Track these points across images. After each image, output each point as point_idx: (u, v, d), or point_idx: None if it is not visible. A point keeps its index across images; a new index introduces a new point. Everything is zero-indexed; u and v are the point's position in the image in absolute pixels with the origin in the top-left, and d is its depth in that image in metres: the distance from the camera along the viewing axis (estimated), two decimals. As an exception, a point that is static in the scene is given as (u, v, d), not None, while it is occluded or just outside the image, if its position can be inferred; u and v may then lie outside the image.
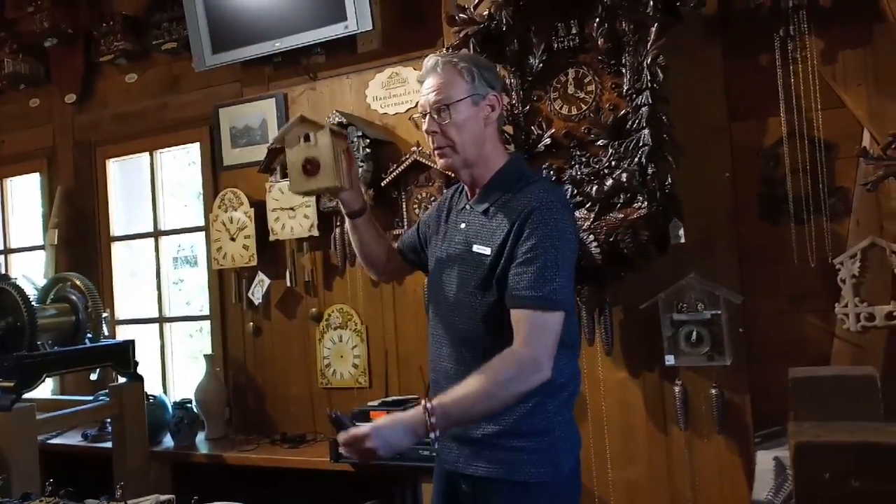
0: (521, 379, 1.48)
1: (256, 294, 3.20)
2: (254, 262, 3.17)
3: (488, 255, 1.60)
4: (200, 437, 3.14)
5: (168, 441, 3.14)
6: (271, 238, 3.10)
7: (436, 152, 1.67)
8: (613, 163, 2.22)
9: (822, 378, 0.82)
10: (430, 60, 1.67)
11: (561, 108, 2.32)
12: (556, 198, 1.61)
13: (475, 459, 1.62)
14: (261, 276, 3.19)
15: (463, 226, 1.70)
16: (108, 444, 3.01)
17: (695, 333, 2.24)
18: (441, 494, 1.74)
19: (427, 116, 1.65)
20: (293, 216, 3.04)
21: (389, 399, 2.79)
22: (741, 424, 2.26)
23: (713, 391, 2.25)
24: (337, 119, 2.81)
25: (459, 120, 1.62)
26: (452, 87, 1.62)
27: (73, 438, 3.28)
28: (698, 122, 2.32)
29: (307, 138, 1.70)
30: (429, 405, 1.44)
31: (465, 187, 1.74)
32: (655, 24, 2.13)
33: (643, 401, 2.39)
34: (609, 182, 2.21)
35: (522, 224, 1.55)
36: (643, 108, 2.16)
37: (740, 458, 2.25)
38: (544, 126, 2.34)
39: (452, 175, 1.83)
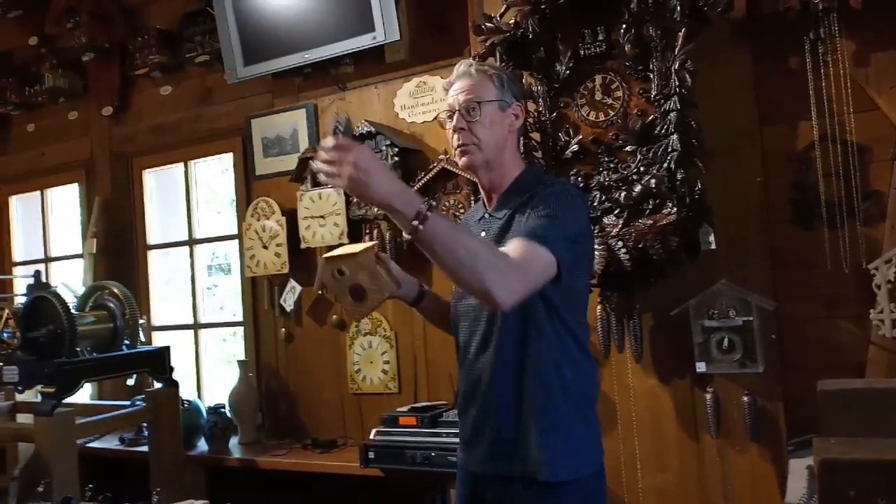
0: (496, 275, 1.40)
1: (288, 301, 3.25)
2: (286, 270, 3.21)
3: None
4: (234, 442, 3.20)
5: (202, 445, 3.20)
6: (303, 246, 3.14)
7: (459, 150, 1.68)
8: (642, 168, 2.21)
9: (851, 391, 0.81)
10: (461, 65, 1.72)
11: (588, 115, 2.32)
12: (565, 192, 1.64)
13: (501, 461, 1.62)
14: (292, 283, 3.24)
15: (483, 234, 1.70)
16: (145, 448, 3.08)
17: (726, 340, 2.21)
18: (464, 500, 1.74)
19: (455, 114, 1.67)
20: (323, 224, 3.09)
21: (419, 405, 2.81)
22: (774, 432, 2.23)
23: (745, 398, 2.22)
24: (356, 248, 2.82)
25: (487, 120, 1.66)
26: (483, 89, 1.67)
27: (110, 442, 3.36)
28: (728, 127, 2.30)
29: (340, 272, 1.76)
30: (430, 205, 1.39)
31: (483, 197, 1.77)
32: (683, 29, 2.12)
33: (674, 408, 2.37)
34: (638, 188, 2.20)
35: (535, 205, 1.58)
36: (671, 114, 2.15)
37: (773, 466, 2.22)
38: (571, 133, 2.34)
39: (472, 178, 1.86)
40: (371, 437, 2.67)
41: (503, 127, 1.69)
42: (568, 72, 2.33)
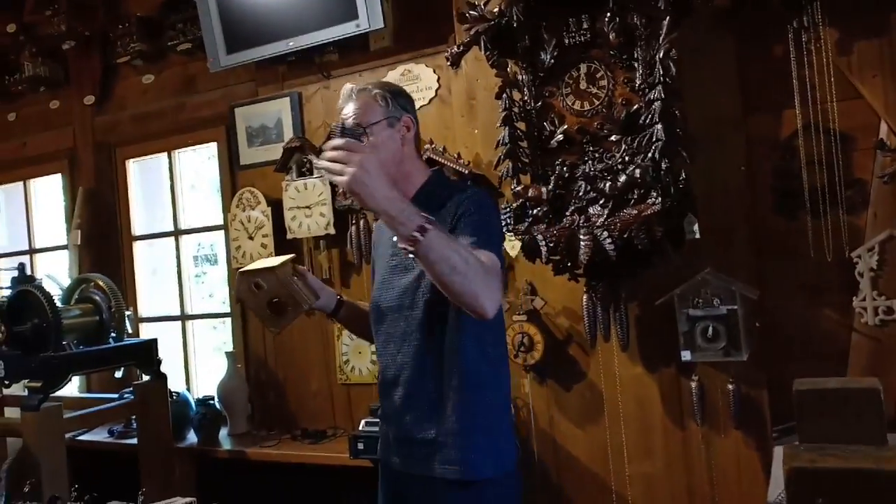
0: (485, 283, 1.45)
1: (275, 292, 3.24)
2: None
3: None
4: (223, 433, 3.20)
5: (192, 437, 3.20)
6: (289, 236, 3.13)
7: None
8: (627, 158, 2.21)
9: (825, 391, 0.82)
10: (345, 89, 1.76)
11: (573, 104, 2.31)
12: (483, 199, 1.71)
13: (424, 461, 1.67)
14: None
15: (395, 239, 1.69)
16: (134, 441, 3.08)
17: (711, 329, 2.23)
18: (387, 498, 1.80)
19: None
20: (309, 215, 3.07)
21: (407, 395, 2.81)
22: (759, 419, 2.25)
23: (730, 386, 2.25)
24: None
25: (377, 141, 1.67)
26: (369, 112, 1.69)
27: (99, 435, 3.36)
28: (712, 116, 2.30)
29: (258, 286, 1.80)
30: (430, 218, 1.40)
31: None
32: (667, 18, 2.10)
33: (659, 396, 2.39)
34: (622, 178, 2.20)
35: (457, 219, 1.63)
36: (656, 103, 2.14)
37: (758, 452, 2.25)
38: (556, 122, 2.33)
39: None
40: (360, 427, 2.68)
41: (396, 142, 1.71)
42: (553, 61, 2.31)
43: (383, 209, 1.39)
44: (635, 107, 2.20)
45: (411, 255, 1.43)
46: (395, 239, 1.72)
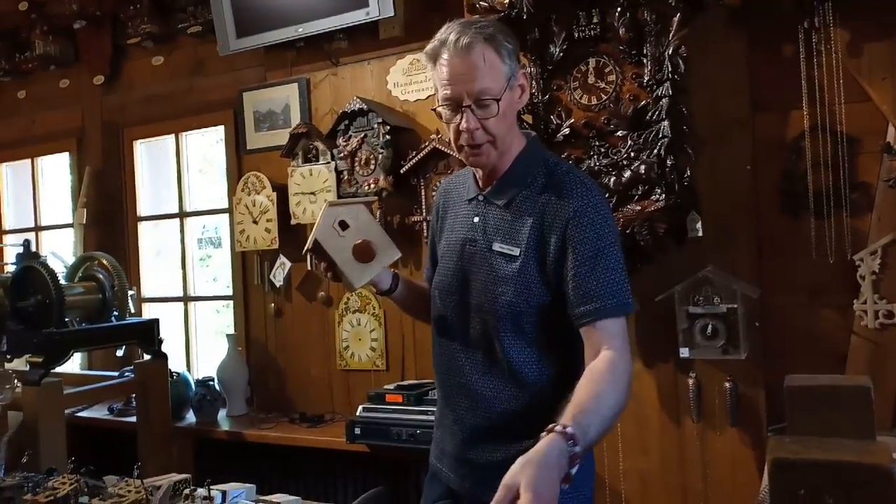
0: (625, 398, 1.27)
1: (278, 277, 3.26)
2: (276, 246, 3.21)
3: (516, 257, 1.41)
4: (222, 415, 3.22)
5: (191, 417, 3.22)
6: (293, 222, 3.14)
7: (470, 150, 1.42)
8: (632, 154, 2.22)
9: (816, 388, 0.83)
10: (460, 36, 1.36)
11: (581, 98, 2.31)
12: (596, 194, 1.43)
13: (489, 486, 1.23)
14: (282, 259, 3.24)
15: (477, 220, 1.49)
16: (133, 419, 3.10)
17: (710, 327, 2.23)
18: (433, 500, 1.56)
19: (463, 110, 1.38)
20: (314, 201, 3.08)
21: (405, 383, 2.83)
22: (755, 418, 2.26)
23: (727, 384, 2.25)
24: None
25: (502, 112, 1.39)
26: (494, 74, 1.37)
27: (99, 412, 3.39)
28: (720, 114, 2.30)
29: (343, 225, 1.50)
30: (567, 430, 1.12)
31: (475, 173, 1.53)
32: (677, 15, 2.11)
33: (657, 392, 2.39)
34: (627, 174, 2.21)
35: (565, 226, 1.37)
36: (663, 100, 2.15)
37: (753, 450, 2.26)
38: (563, 116, 2.34)
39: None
40: (358, 413, 2.69)
41: (513, 108, 1.44)
42: (561, 54, 2.32)
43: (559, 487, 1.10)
44: (643, 103, 2.20)
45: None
46: (475, 220, 1.48)
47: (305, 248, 1.56)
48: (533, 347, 1.41)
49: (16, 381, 2.77)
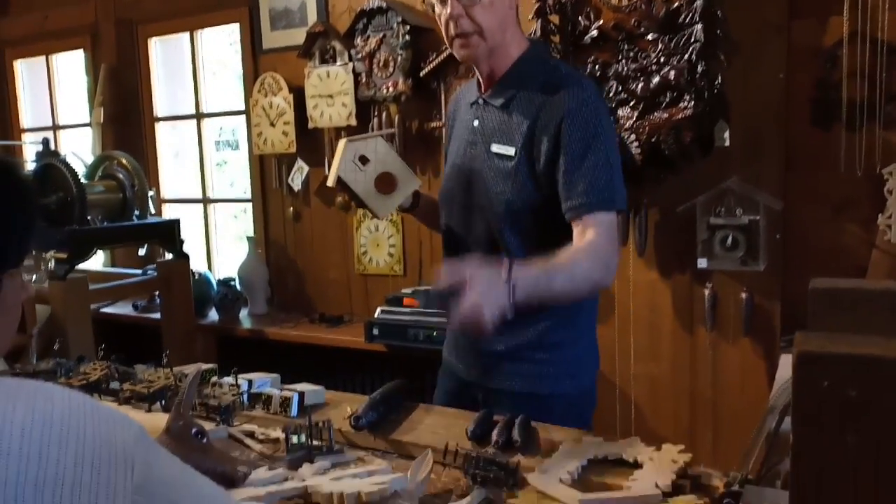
0: (599, 274, 1.36)
1: (296, 181, 3.25)
2: (293, 150, 3.19)
3: (512, 157, 1.46)
4: (243, 313, 3.30)
5: (213, 315, 3.30)
6: (310, 125, 3.11)
7: (457, 41, 1.46)
8: (662, 59, 2.15)
9: (842, 290, 0.83)
10: None
11: (611, -1, 2.22)
12: (592, 94, 1.46)
13: (495, 373, 1.54)
14: (300, 163, 3.22)
15: (476, 123, 1.54)
16: (157, 315, 3.19)
17: (730, 238, 2.22)
18: (449, 395, 1.65)
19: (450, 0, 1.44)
20: (331, 104, 3.03)
21: (422, 288, 2.87)
22: (769, 329, 2.28)
23: (743, 295, 2.27)
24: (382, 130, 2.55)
25: (489, 2, 1.43)
26: None
27: (124, 308, 3.48)
28: (755, 19, 2.21)
29: (363, 160, 1.56)
30: (508, 276, 1.24)
31: (478, 76, 1.56)
32: None
33: (671, 302, 2.42)
34: (656, 79, 2.15)
35: (559, 125, 1.41)
36: (697, 1, 2.06)
37: (764, 361, 2.29)
38: (592, 17, 2.25)
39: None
40: (376, 315, 2.75)
41: (504, 2, 1.46)
42: (593, -49, 2.21)
43: (500, 312, 1.22)
44: (675, 4, 2.11)
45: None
46: (475, 124, 1.54)
47: (329, 181, 1.63)
48: (533, 244, 1.46)
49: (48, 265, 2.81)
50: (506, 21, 1.48)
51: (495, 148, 1.50)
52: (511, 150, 1.47)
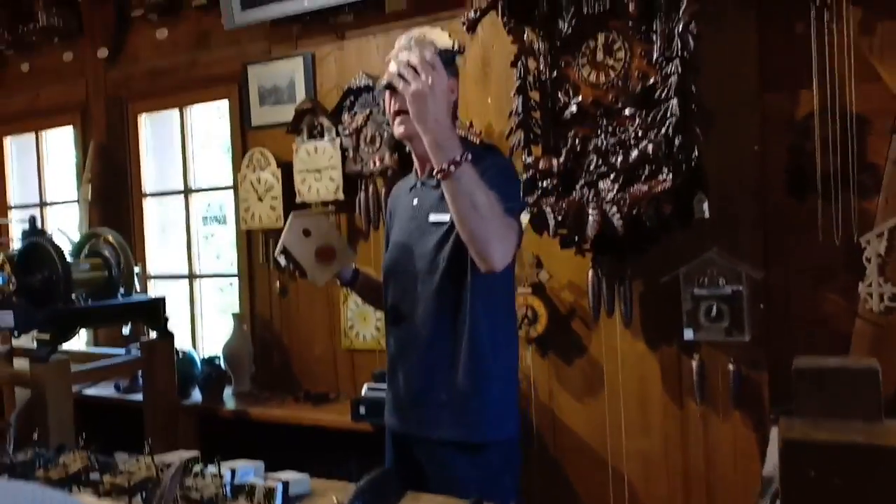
0: (502, 233, 1.53)
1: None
2: (281, 223, 3.20)
3: (447, 222, 1.68)
4: (227, 393, 3.25)
5: (196, 395, 3.25)
6: (298, 200, 3.13)
7: (396, 118, 1.72)
8: (640, 133, 2.19)
9: (824, 369, 0.83)
10: (402, 39, 1.79)
11: (589, 75, 2.28)
12: (503, 159, 1.77)
13: (432, 424, 1.71)
14: (287, 236, 3.23)
15: (416, 202, 1.79)
16: (139, 396, 3.13)
17: (715, 308, 2.23)
18: (395, 461, 1.83)
19: (392, 94, 1.73)
20: (319, 179, 3.07)
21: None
22: (757, 400, 2.26)
23: (731, 367, 2.25)
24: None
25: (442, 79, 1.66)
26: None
27: (105, 389, 3.41)
28: (729, 93, 2.27)
29: (307, 232, 1.77)
30: (466, 155, 1.48)
31: (416, 166, 1.85)
32: (688, -9, 2.07)
33: (660, 374, 2.40)
34: (635, 153, 2.19)
35: (481, 174, 1.62)
36: (672, 78, 2.12)
37: (755, 433, 2.27)
38: (571, 93, 2.31)
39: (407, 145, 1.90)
40: (363, 392, 2.71)
41: (449, 93, 1.69)
42: (570, 30, 2.28)
43: (430, 129, 1.46)
44: (651, 80, 2.17)
45: (438, 178, 1.50)
46: (415, 203, 1.77)
47: (276, 251, 1.85)
48: (475, 295, 1.68)
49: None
50: (447, 106, 1.67)
51: (433, 218, 1.74)
52: (446, 217, 1.68)
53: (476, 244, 1.53)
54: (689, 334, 2.26)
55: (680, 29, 2.08)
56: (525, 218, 2.25)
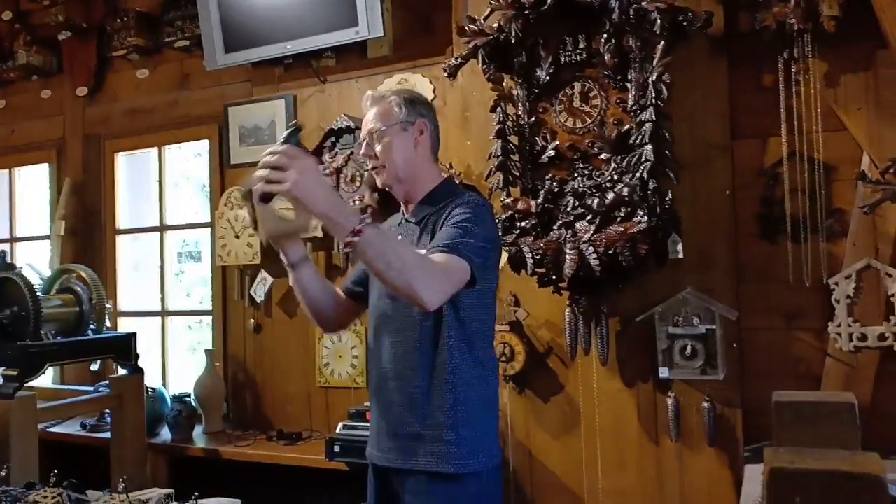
0: (423, 272, 1.53)
1: (259, 292, 3.24)
2: (257, 261, 3.20)
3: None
4: (198, 431, 3.18)
5: (166, 433, 3.17)
6: (275, 237, 3.13)
7: (373, 171, 1.86)
8: (615, 176, 2.26)
9: (803, 403, 0.86)
10: (367, 95, 1.89)
11: (566, 121, 2.36)
12: (477, 198, 1.81)
13: (410, 454, 1.73)
14: (263, 274, 3.23)
15: (400, 237, 1.84)
16: (107, 435, 3.04)
17: (689, 347, 2.27)
18: (375, 493, 1.84)
19: (364, 143, 1.83)
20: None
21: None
22: (732, 438, 2.29)
23: (705, 404, 2.28)
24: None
25: (388, 143, 1.79)
26: (386, 116, 1.81)
27: (72, 427, 3.32)
28: (701, 140, 2.36)
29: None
30: (363, 220, 1.46)
31: (402, 205, 1.90)
32: (662, 43, 2.16)
33: (636, 411, 2.42)
34: (610, 195, 2.25)
35: (448, 214, 1.72)
36: (646, 124, 2.19)
37: (730, 471, 2.28)
38: (549, 138, 2.38)
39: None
40: (337, 430, 2.67)
41: (408, 145, 1.81)
42: (548, 77, 2.36)
43: (323, 211, 1.45)
44: (626, 127, 2.25)
45: (347, 252, 1.56)
46: (399, 237, 1.83)
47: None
48: (446, 328, 1.72)
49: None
50: (411, 159, 1.81)
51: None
52: (422, 252, 1.71)
53: (401, 293, 1.56)
54: (664, 372, 2.29)
55: (654, 78, 2.17)
56: (504, 257, 2.29)
